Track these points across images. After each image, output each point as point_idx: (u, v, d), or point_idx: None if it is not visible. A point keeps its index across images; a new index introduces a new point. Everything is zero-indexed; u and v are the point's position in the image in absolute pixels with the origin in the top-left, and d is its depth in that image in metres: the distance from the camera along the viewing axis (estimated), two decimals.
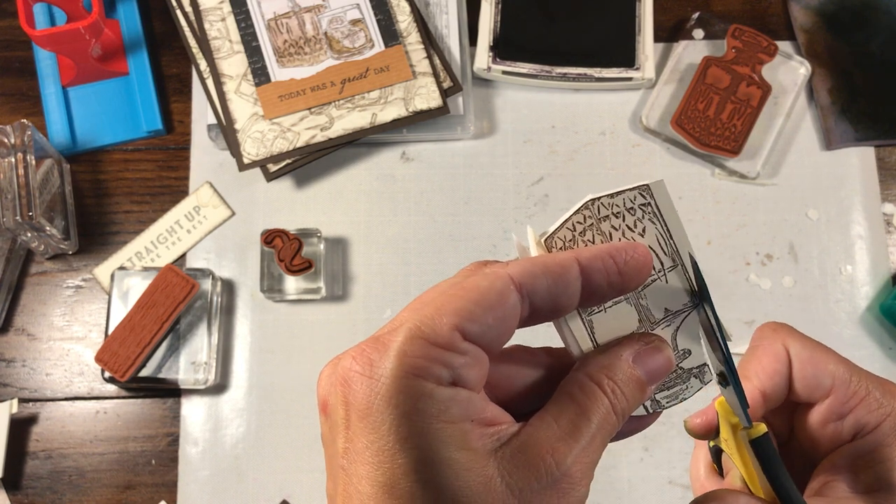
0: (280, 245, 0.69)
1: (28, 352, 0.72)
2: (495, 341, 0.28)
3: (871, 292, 0.73)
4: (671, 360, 0.30)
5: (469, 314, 0.27)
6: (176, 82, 0.79)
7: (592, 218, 0.30)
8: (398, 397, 0.26)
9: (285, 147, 0.72)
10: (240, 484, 0.69)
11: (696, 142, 0.74)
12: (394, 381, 0.26)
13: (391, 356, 0.26)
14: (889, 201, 0.76)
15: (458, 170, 0.76)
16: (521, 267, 0.28)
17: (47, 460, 0.69)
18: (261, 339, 0.72)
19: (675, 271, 0.31)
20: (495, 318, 0.27)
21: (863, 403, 0.34)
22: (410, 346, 0.26)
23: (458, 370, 0.26)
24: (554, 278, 0.28)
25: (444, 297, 0.27)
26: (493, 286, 0.27)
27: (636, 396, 0.29)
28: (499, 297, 0.27)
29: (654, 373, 0.30)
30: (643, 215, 0.30)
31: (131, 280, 0.71)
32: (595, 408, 0.28)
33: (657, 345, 0.30)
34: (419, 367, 0.26)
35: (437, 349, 0.26)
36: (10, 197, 0.67)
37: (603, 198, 0.30)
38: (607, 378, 0.29)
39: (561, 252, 0.29)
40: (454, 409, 0.26)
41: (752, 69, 0.76)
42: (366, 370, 0.26)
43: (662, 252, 0.31)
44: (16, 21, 0.78)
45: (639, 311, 0.31)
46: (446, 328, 0.26)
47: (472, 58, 0.77)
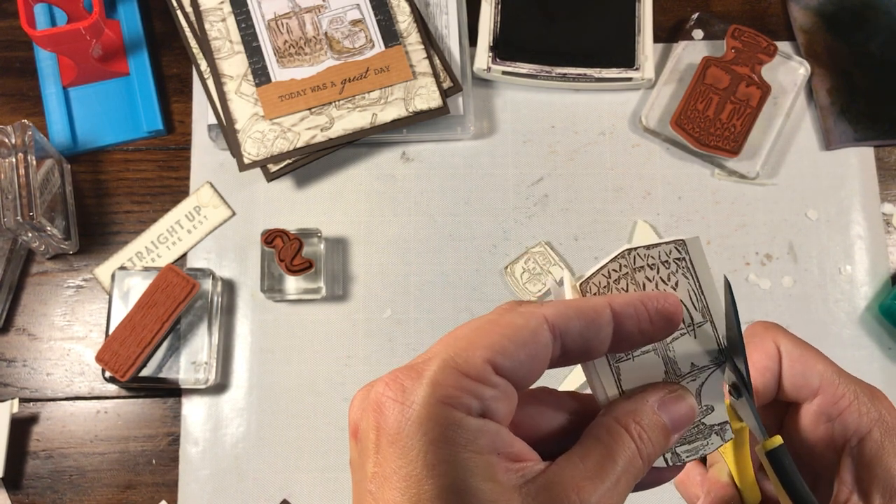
0: (280, 245, 0.70)
1: (29, 352, 0.72)
2: (525, 378, 0.28)
3: (871, 292, 0.74)
4: (694, 408, 0.31)
5: (502, 349, 0.27)
6: (176, 82, 0.79)
7: (628, 267, 0.31)
8: (428, 424, 0.26)
9: (286, 147, 0.72)
10: (240, 483, 0.69)
11: (696, 142, 0.74)
12: (425, 408, 0.26)
13: (424, 384, 0.27)
14: (888, 201, 0.76)
15: (458, 170, 0.76)
16: (556, 308, 0.29)
17: (48, 460, 0.70)
18: (261, 339, 0.72)
19: (704, 327, 0.32)
20: (527, 355, 0.28)
21: (851, 407, 0.35)
22: (443, 376, 0.27)
23: (487, 402, 0.27)
24: (587, 321, 0.29)
25: (478, 331, 0.28)
26: (528, 324, 0.28)
27: (661, 442, 0.30)
28: (532, 335, 0.28)
29: (678, 420, 0.31)
30: (677, 269, 0.32)
31: (132, 280, 0.71)
32: (621, 450, 0.29)
33: (681, 393, 0.31)
34: (450, 396, 0.27)
35: (468, 380, 0.27)
36: (10, 197, 0.67)
37: (640, 249, 0.31)
38: (634, 423, 0.30)
39: (595, 297, 0.30)
40: (482, 439, 0.27)
41: (752, 69, 0.76)
42: (398, 396, 0.27)
43: (693, 307, 0.32)
44: (16, 21, 0.78)
45: (665, 364, 0.32)
46: (479, 360, 0.27)
47: (471, 58, 0.77)
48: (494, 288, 0.73)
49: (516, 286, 0.73)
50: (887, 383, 0.71)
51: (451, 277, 0.74)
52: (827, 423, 0.35)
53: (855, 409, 0.35)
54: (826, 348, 0.76)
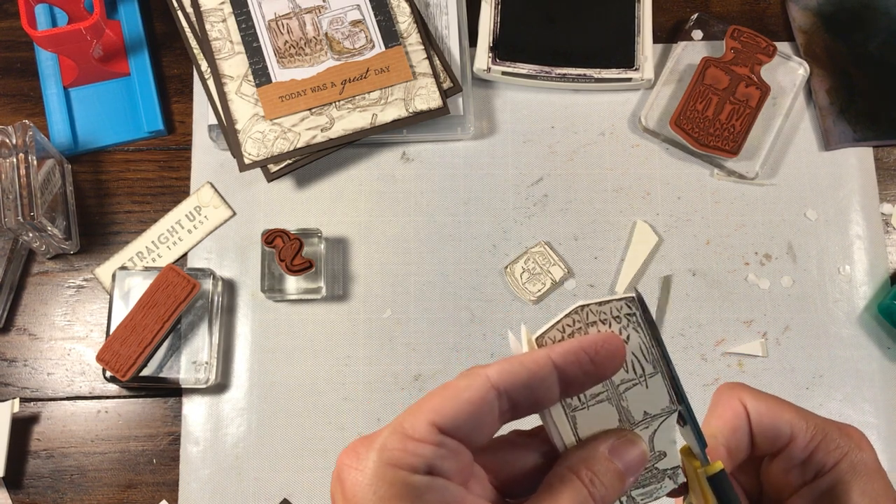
0: (281, 245, 0.70)
1: (29, 351, 0.72)
2: (474, 435, 0.30)
3: (870, 292, 0.74)
4: (645, 452, 0.33)
5: (444, 411, 0.30)
6: (177, 83, 0.79)
7: (581, 322, 0.33)
8: (377, 484, 0.29)
9: (286, 147, 0.72)
10: (240, 483, 0.69)
11: (695, 142, 0.74)
12: (374, 471, 0.29)
13: (374, 449, 0.29)
14: (887, 201, 0.76)
15: (458, 170, 0.76)
16: (499, 367, 0.31)
17: (49, 459, 0.70)
18: (262, 339, 0.72)
19: (656, 378, 0.34)
20: (470, 415, 0.30)
21: (820, 446, 0.36)
22: (390, 440, 0.29)
23: (432, 461, 0.29)
24: (529, 375, 0.31)
25: (427, 397, 0.31)
26: (470, 385, 0.30)
27: (615, 485, 0.32)
28: (475, 394, 0.30)
29: (630, 464, 0.32)
30: (628, 324, 0.33)
31: (132, 280, 0.71)
32: (573, 496, 0.30)
33: (632, 438, 0.33)
34: (395, 458, 0.29)
35: (413, 442, 0.29)
36: (11, 197, 0.67)
37: (592, 305, 0.33)
38: (586, 469, 0.31)
39: (536, 350, 0.32)
40: (429, 495, 0.29)
41: (751, 70, 0.76)
42: (353, 463, 0.30)
43: (644, 359, 0.33)
44: (17, 22, 0.78)
45: (619, 412, 0.33)
46: (422, 424, 0.29)
47: (471, 58, 0.77)
48: (494, 288, 0.73)
49: (516, 286, 0.73)
50: (886, 383, 0.72)
51: (451, 277, 0.74)
52: (798, 467, 0.36)
53: (823, 447, 0.36)
54: (825, 348, 0.77)
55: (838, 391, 0.71)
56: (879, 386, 0.72)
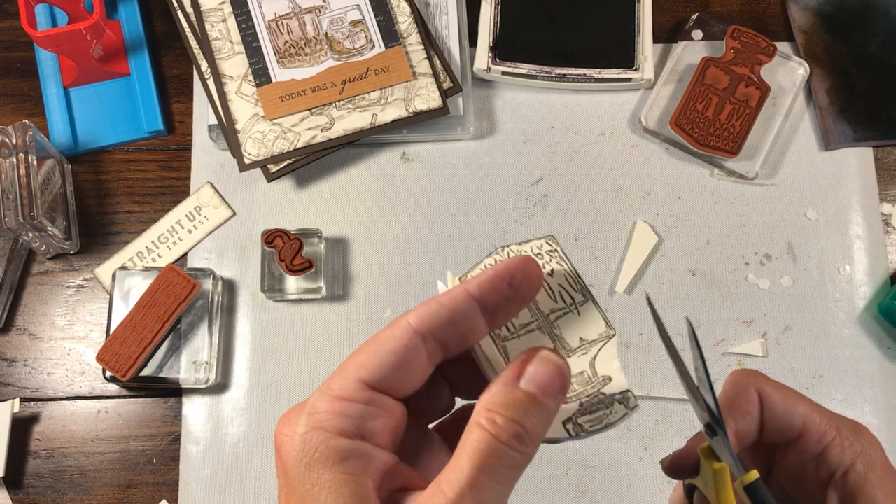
0: (281, 245, 0.70)
1: (30, 351, 0.72)
2: (404, 383, 0.29)
3: (870, 292, 0.74)
4: (560, 366, 0.29)
5: (369, 365, 0.29)
6: (177, 83, 0.79)
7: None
8: (304, 450, 0.28)
9: (286, 147, 0.72)
10: (241, 483, 0.69)
11: (695, 142, 0.74)
12: (303, 436, 0.28)
13: (304, 413, 0.28)
14: (887, 201, 0.76)
15: (458, 170, 0.76)
16: (419, 310, 0.30)
17: (49, 459, 0.70)
18: (262, 339, 0.72)
19: (587, 305, 0.34)
20: (396, 364, 0.29)
21: (834, 442, 0.36)
22: (318, 403, 0.28)
23: (360, 420, 0.28)
24: (450, 312, 0.30)
25: (353, 354, 0.30)
26: (392, 335, 0.29)
27: (532, 414, 0.28)
28: (397, 343, 0.29)
29: (545, 383, 0.29)
30: (550, 259, 0.34)
31: (132, 280, 0.71)
32: (473, 450, 0.27)
33: (541, 356, 0.29)
34: (323, 420, 0.28)
35: (340, 402, 0.28)
36: (11, 197, 0.67)
37: (512, 245, 0.34)
38: (485, 412, 0.28)
39: (453, 287, 0.31)
40: (352, 461, 0.27)
41: (751, 70, 0.76)
42: (285, 430, 0.29)
43: (572, 288, 0.34)
44: (17, 22, 0.78)
45: (553, 340, 0.33)
46: (349, 382, 0.28)
47: (471, 58, 0.77)
48: None
49: None
50: (886, 383, 0.72)
51: None
52: (812, 460, 0.36)
53: (838, 444, 0.36)
54: (825, 348, 0.77)
55: (838, 391, 0.71)
56: (879, 386, 0.72)
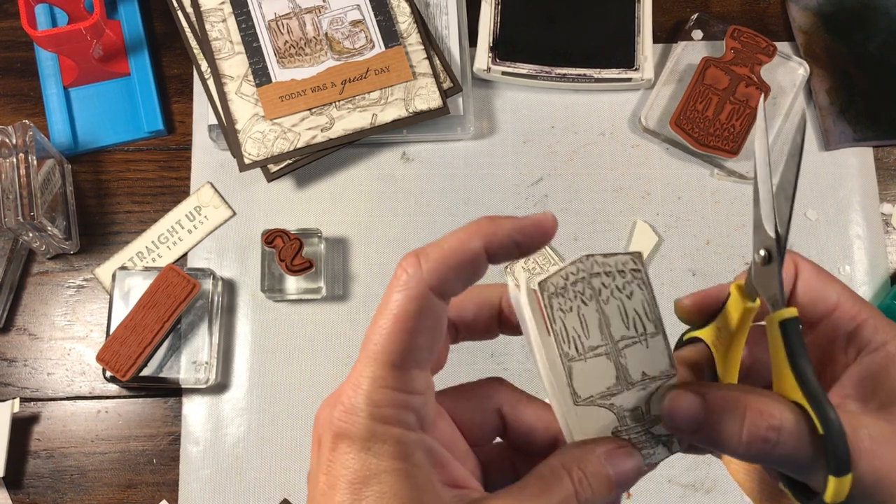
0: (281, 245, 0.70)
1: (30, 351, 0.72)
2: (431, 354, 0.31)
3: (870, 292, 0.74)
4: (640, 467, 0.32)
5: (413, 346, 0.30)
6: (177, 83, 0.79)
7: (585, 272, 0.32)
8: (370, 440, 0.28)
9: (286, 147, 0.72)
10: (241, 483, 0.69)
11: (695, 142, 0.74)
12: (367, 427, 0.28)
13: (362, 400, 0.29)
14: (887, 201, 0.76)
15: (458, 170, 0.76)
16: (436, 274, 0.33)
17: (49, 459, 0.70)
18: (262, 339, 0.72)
19: (657, 338, 0.33)
20: (433, 330, 0.31)
21: (868, 322, 0.34)
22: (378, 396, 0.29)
23: (418, 411, 0.29)
24: (465, 273, 0.34)
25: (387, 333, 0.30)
26: (422, 306, 0.31)
27: (602, 491, 0.31)
28: (430, 313, 0.31)
29: (623, 474, 0.31)
30: (633, 279, 0.32)
31: (132, 280, 0.71)
32: (558, 489, 0.30)
33: (630, 450, 0.32)
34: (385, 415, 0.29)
35: (398, 394, 0.29)
36: (11, 197, 0.67)
37: (598, 256, 0.32)
38: (577, 468, 0.31)
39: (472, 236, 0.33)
40: (417, 454, 0.29)
41: (751, 70, 0.76)
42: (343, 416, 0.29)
43: (646, 317, 0.32)
44: (17, 22, 0.78)
45: (617, 369, 0.32)
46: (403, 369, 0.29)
47: (471, 58, 0.77)
48: None
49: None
50: None
51: None
52: (843, 338, 0.35)
53: (871, 325, 0.34)
54: None
55: None
56: None
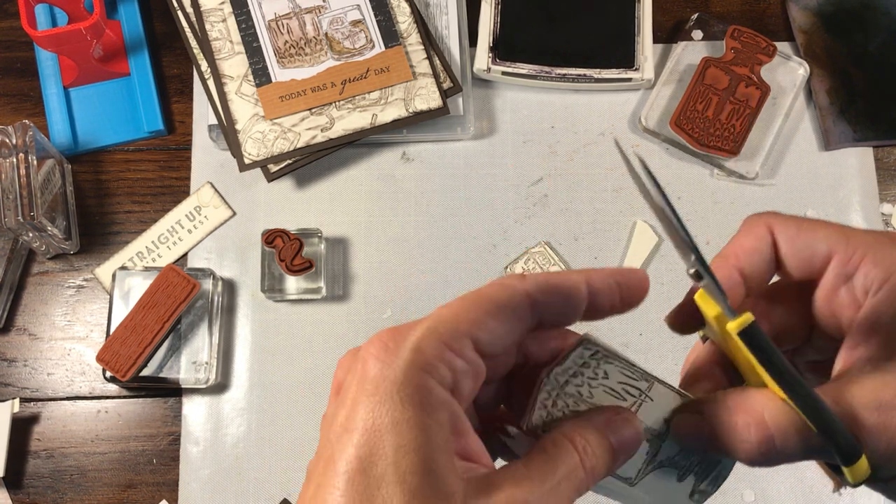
0: (281, 245, 0.70)
1: (30, 351, 0.72)
2: (498, 351, 0.30)
3: None
4: (640, 433, 0.32)
5: (484, 325, 0.29)
6: (177, 83, 0.79)
7: (557, 390, 0.32)
8: (403, 384, 0.27)
9: (286, 147, 0.72)
10: (241, 483, 0.69)
11: (695, 142, 0.74)
12: (404, 370, 0.27)
13: (407, 347, 0.28)
14: (887, 201, 0.76)
15: (458, 170, 0.76)
16: (538, 284, 0.30)
17: (49, 459, 0.70)
18: (262, 339, 0.72)
19: (655, 387, 0.33)
20: (506, 331, 0.29)
21: (866, 259, 0.32)
22: (426, 342, 0.28)
23: (459, 375, 0.28)
24: (565, 297, 0.30)
25: (465, 304, 0.29)
26: (511, 301, 0.29)
27: (604, 458, 0.31)
28: (514, 312, 0.29)
29: (623, 441, 0.31)
30: (598, 364, 0.33)
31: (132, 280, 0.71)
32: (564, 458, 0.30)
33: (628, 417, 0.32)
34: (429, 363, 0.28)
35: (448, 351, 0.28)
36: (11, 197, 0.67)
37: (555, 369, 0.32)
38: (579, 436, 0.30)
39: (574, 272, 0.31)
40: (444, 414, 0.28)
41: (751, 70, 0.76)
42: (381, 355, 0.28)
43: (632, 379, 0.33)
44: (17, 22, 0.78)
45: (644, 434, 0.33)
46: (462, 334, 0.28)
47: (471, 58, 0.77)
48: None
49: None
50: None
51: (451, 277, 0.74)
52: (847, 285, 0.32)
53: (870, 260, 0.32)
54: None
55: None
56: None
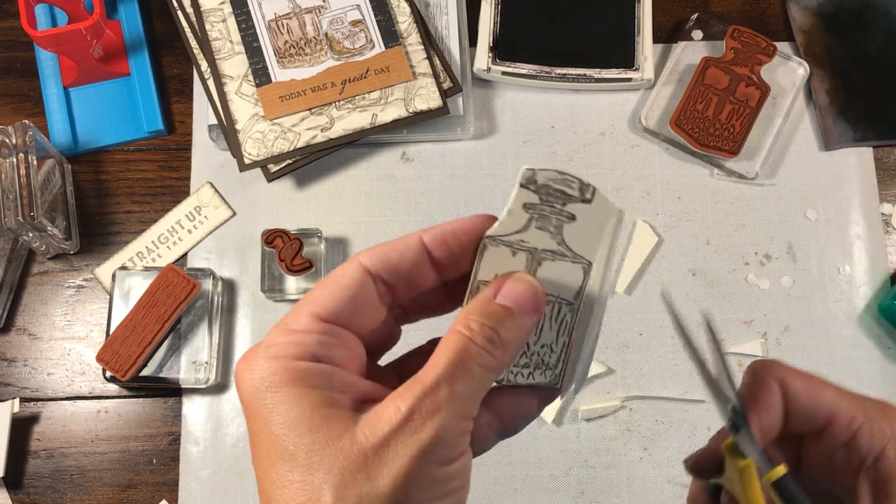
0: (281, 245, 0.70)
1: (30, 351, 0.72)
2: (358, 320, 0.31)
3: (870, 292, 0.74)
4: (535, 286, 0.32)
5: (322, 301, 0.30)
6: (177, 83, 0.79)
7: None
8: (263, 377, 0.29)
9: (286, 147, 0.72)
10: (240, 483, 0.69)
11: (695, 142, 0.74)
12: (262, 367, 0.29)
13: (260, 349, 0.30)
14: (887, 201, 0.76)
15: (458, 170, 0.76)
16: (372, 251, 0.32)
17: (49, 459, 0.70)
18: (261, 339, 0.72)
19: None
20: (349, 301, 0.31)
21: (863, 428, 0.35)
22: (274, 337, 0.30)
23: (316, 349, 0.30)
24: (400, 257, 0.31)
25: (308, 292, 0.32)
26: (344, 272, 0.31)
27: (506, 323, 0.31)
28: (350, 280, 0.31)
29: (519, 298, 0.31)
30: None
31: (132, 280, 0.71)
32: (450, 347, 0.30)
33: (518, 276, 0.32)
34: (279, 351, 0.30)
35: (295, 333, 0.30)
36: (11, 197, 0.67)
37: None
38: (464, 319, 0.31)
39: (411, 233, 0.32)
40: (314, 378, 0.29)
41: (751, 70, 0.76)
42: (243, 366, 0.30)
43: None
44: (17, 22, 0.78)
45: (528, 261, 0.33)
46: (304, 316, 0.30)
47: (471, 58, 0.77)
48: None
49: None
50: (886, 383, 0.72)
51: None
52: (842, 448, 0.35)
53: (867, 430, 0.35)
54: (825, 348, 0.77)
55: None
56: (880, 386, 0.72)
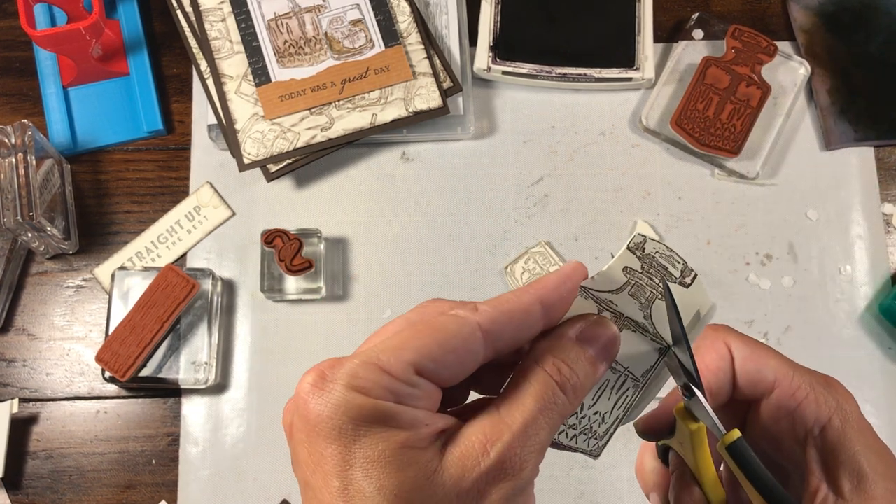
0: (280, 245, 0.70)
1: (29, 351, 0.72)
2: (451, 379, 0.29)
3: (871, 292, 0.74)
4: (616, 334, 0.32)
5: (429, 353, 0.28)
6: (176, 82, 0.79)
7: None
8: (341, 413, 0.27)
9: (285, 147, 0.72)
10: (240, 483, 0.69)
11: (696, 142, 0.74)
12: (343, 394, 0.27)
13: (343, 373, 0.28)
14: (888, 201, 0.76)
15: (458, 170, 0.76)
16: (489, 316, 0.29)
17: (48, 460, 0.70)
18: (261, 339, 0.72)
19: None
20: (454, 361, 0.29)
21: (808, 398, 0.35)
22: (363, 370, 0.28)
23: (403, 399, 0.28)
24: (518, 325, 0.30)
25: (410, 331, 0.29)
26: (461, 332, 0.29)
27: (586, 372, 0.30)
28: (463, 342, 0.29)
29: (602, 347, 0.31)
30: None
31: (132, 280, 0.71)
32: (539, 389, 0.29)
33: (600, 320, 0.31)
34: (365, 386, 0.27)
35: (387, 377, 0.28)
36: (10, 197, 0.67)
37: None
38: (551, 357, 0.30)
39: (524, 293, 0.31)
40: (401, 419, 0.27)
41: (752, 69, 0.76)
42: (318, 384, 0.28)
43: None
44: (16, 21, 0.78)
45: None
46: (403, 362, 0.28)
47: (472, 58, 0.77)
48: (494, 288, 0.73)
49: (516, 286, 0.72)
50: (887, 383, 0.71)
51: (451, 277, 0.73)
52: (787, 417, 0.35)
53: (812, 400, 0.35)
54: (826, 348, 0.77)
55: None
56: (881, 386, 0.71)
